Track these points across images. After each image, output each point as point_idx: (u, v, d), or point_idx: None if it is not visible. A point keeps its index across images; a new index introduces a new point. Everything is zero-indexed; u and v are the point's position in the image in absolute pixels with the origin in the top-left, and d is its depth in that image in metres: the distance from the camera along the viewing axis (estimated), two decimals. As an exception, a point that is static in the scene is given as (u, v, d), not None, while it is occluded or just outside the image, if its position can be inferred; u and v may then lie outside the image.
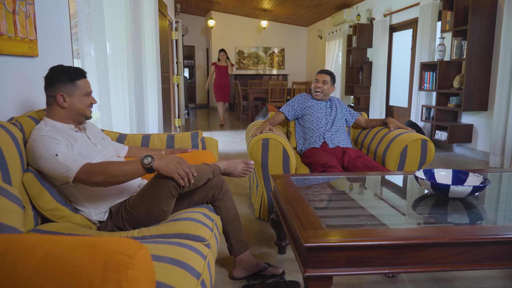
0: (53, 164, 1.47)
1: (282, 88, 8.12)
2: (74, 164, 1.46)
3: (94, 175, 1.46)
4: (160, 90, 4.52)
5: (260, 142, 2.49)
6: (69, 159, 1.48)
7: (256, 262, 1.95)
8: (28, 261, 0.71)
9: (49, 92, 1.64)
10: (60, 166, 1.46)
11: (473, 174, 1.79)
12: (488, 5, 4.51)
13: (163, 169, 1.52)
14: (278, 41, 11.80)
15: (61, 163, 1.46)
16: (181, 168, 1.53)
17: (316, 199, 1.86)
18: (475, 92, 4.69)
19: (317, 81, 2.99)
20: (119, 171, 1.48)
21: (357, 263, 1.30)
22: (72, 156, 1.50)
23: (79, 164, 1.47)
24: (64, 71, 1.63)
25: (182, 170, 1.53)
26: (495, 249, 1.33)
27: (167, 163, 1.52)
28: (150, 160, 1.50)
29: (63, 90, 1.63)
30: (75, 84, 1.65)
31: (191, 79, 14.01)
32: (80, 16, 2.40)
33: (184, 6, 10.53)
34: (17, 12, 1.69)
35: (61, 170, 1.46)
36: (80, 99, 1.68)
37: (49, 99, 1.65)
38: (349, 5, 8.25)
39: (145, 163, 1.49)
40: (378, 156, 2.76)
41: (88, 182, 1.48)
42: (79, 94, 1.67)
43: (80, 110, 1.68)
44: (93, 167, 1.47)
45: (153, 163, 1.50)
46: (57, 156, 1.47)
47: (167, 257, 1.19)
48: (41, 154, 1.48)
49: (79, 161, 1.48)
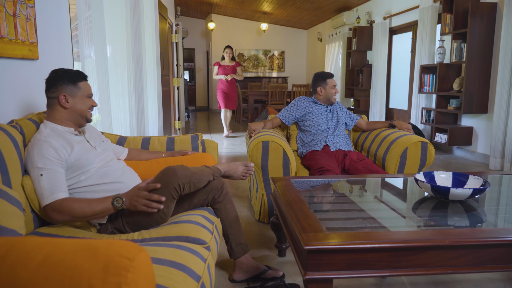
0: (35, 182, 1.49)
1: (282, 90, 8.13)
2: (50, 195, 1.47)
3: (61, 214, 1.47)
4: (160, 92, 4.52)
5: (260, 145, 2.49)
6: (49, 186, 1.48)
7: (256, 264, 1.95)
8: (28, 264, 0.71)
9: (51, 93, 1.64)
10: (38, 188, 1.48)
11: (473, 177, 1.79)
12: (487, 8, 4.52)
13: (131, 209, 1.54)
14: (278, 43, 11.82)
15: (40, 186, 1.48)
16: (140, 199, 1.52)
17: (316, 201, 1.86)
18: (475, 94, 4.70)
19: (333, 87, 2.98)
20: (87, 212, 1.49)
21: (357, 266, 1.30)
22: (54, 183, 1.49)
23: (53, 198, 1.47)
24: (66, 73, 1.65)
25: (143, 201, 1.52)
26: (495, 252, 1.33)
27: (130, 201, 1.53)
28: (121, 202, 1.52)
29: (66, 91, 1.63)
30: (77, 85, 1.66)
31: (191, 81, 14.04)
32: (80, 18, 2.40)
33: (184, 9, 10.55)
34: (17, 15, 1.69)
35: (38, 192, 1.49)
36: (82, 101, 1.68)
37: (50, 100, 1.65)
38: (349, 8, 8.27)
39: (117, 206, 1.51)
40: (378, 158, 2.76)
41: (51, 219, 1.49)
42: (81, 96, 1.68)
43: (82, 111, 1.69)
44: (61, 206, 1.47)
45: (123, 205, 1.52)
46: (41, 176, 1.48)
47: (167, 260, 1.19)
48: (32, 165, 1.50)
49: (55, 194, 1.48)
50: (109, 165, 1.73)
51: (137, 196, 1.53)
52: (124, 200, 1.52)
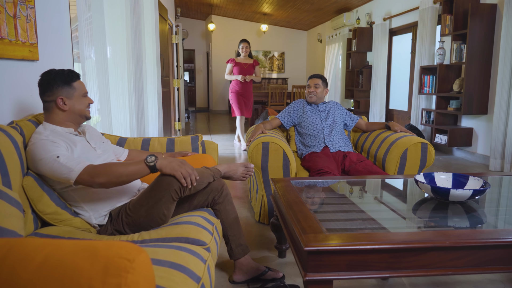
0: (54, 165, 1.47)
1: (282, 91, 8.13)
2: (77, 165, 1.47)
3: (98, 176, 1.46)
4: (160, 93, 4.52)
5: (260, 146, 2.49)
6: (71, 161, 1.48)
7: (256, 266, 1.95)
8: (28, 265, 0.71)
9: (47, 97, 1.63)
10: (61, 167, 1.46)
11: (473, 178, 1.79)
12: (487, 9, 4.52)
13: (166, 167, 1.53)
14: (278, 44, 11.83)
15: (63, 165, 1.46)
16: (184, 168, 1.55)
17: (316, 202, 1.86)
18: (475, 95, 4.70)
19: (309, 86, 3.05)
20: (123, 171, 1.49)
21: (357, 267, 1.30)
22: (74, 158, 1.50)
23: (82, 165, 1.47)
24: (59, 74, 1.63)
25: (185, 170, 1.54)
26: (495, 253, 1.33)
27: (170, 162, 1.54)
28: (154, 159, 1.52)
29: (62, 94, 1.63)
30: (72, 86, 1.66)
31: (191, 82, 14.05)
32: (80, 20, 2.40)
33: (184, 10, 10.56)
34: (18, 16, 1.69)
35: (63, 171, 1.46)
36: (79, 101, 1.68)
37: (47, 104, 1.64)
38: (349, 9, 8.27)
39: (148, 161, 1.51)
40: (378, 159, 2.76)
41: (91, 183, 1.48)
42: (78, 96, 1.68)
43: (81, 111, 1.69)
44: (96, 168, 1.48)
45: (156, 162, 1.52)
46: (58, 158, 1.47)
47: (167, 261, 1.19)
48: (41, 157, 1.48)
49: (82, 163, 1.48)
50: (109, 166, 1.73)
51: (181, 163, 1.54)
52: (157, 157, 1.53)
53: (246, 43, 5.53)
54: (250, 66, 5.59)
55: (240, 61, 5.55)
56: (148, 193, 1.60)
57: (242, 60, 5.57)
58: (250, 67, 5.59)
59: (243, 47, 5.51)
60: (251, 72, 5.59)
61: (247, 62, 5.57)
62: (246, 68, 5.54)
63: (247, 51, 5.54)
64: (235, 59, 5.57)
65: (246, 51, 5.52)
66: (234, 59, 5.57)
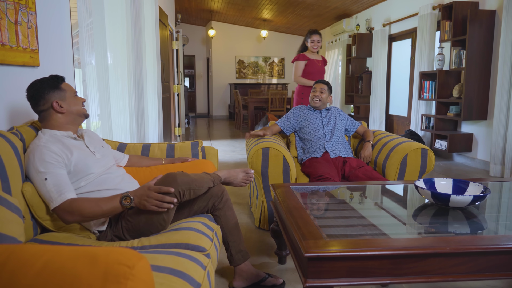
0: (40, 187, 1.49)
1: (282, 97, 8.15)
2: (58, 196, 1.47)
3: (71, 215, 1.47)
4: (160, 99, 4.53)
5: (260, 151, 2.49)
6: (55, 188, 1.48)
7: (256, 272, 1.94)
8: (28, 271, 0.71)
9: (41, 106, 1.63)
10: (45, 192, 1.48)
11: (473, 184, 1.78)
12: (486, 15, 4.55)
13: (140, 207, 1.54)
14: (278, 50, 11.87)
15: (47, 190, 1.48)
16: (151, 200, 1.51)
17: (316, 208, 1.85)
18: (474, 101, 4.71)
19: (315, 90, 3.06)
20: (96, 211, 1.49)
21: (357, 273, 1.29)
22: (60, 185, 1.49)
23: (62, 198, 1.47)
24: (45, 82, 1.64)
25: (154, 202, 1.51)
26: (496, 259, 1.32)
27: (139, 200, 1.52)
28: (130, 201, 1.51)
29: (55, 97, 1.64)
30: (61, 88, 1.67)
31: (192, 88, 14.08)
32: (81, 26, 2.41)
33: (184, 16, 10.62)
34: (19, 22, 1.70)
35: (45, 196, 1.49)
36: (73, 101, 1.70)
37: (44, 113, 1.65)
38: (349, 15, 8.31)
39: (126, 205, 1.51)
40: (378, 165, 2.76)
41: (63, 219, 1.49)
42: (70, 96, 1.69)
43: (78, 111, 1.70)
44: (71, 206, 1.47)
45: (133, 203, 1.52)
46: (46, 180, 1.48)
47: (166, 267, 1.18)
48: (35, 170, 1.50)
49: (63, 195, 1.48)
50: (109, 172, 1.73)
51: (147, 196, 1.51)
52: (133, 198, 1.52)
53: (317, 36, 4.19)
54: (321, 62, 4.34)
55: (312, 57, 4.25)
56: (148, 199, 1.59)
57: (314, 56, 4.29)
58: (321, 63, 4.34)
59: (314, 41, 4.18)
60: (323, 72, 4.35)
61: (317, 58, 4.31)
62: (320, 67, 4.30)
63: (319, 46, 4.24)
64: (305, 54, 4.24)
65: (316, 46, 4.21)
66: (305, 54, 4.24)
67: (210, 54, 11.61)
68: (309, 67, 4.21)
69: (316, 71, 4.23)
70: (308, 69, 4.21)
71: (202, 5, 9.33)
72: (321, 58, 4.35)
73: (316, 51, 4.27)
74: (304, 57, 4.22)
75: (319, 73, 4.25)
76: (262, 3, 8.55)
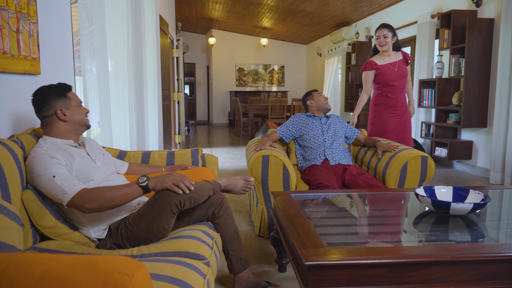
0: (49, 185, 1.47)
1: (282, 104, 8.17)
2: (71, 188, 1.46)
3: (90, 201, 1.46)
4: (160, 107, 4.54)
5: (260, 159, 2.49)
6: (66, 182, 1.48)
7: (256, 280, 1.93)
8: (27, 280, 0.70)
9: (45, 112, 1.64)
10: (56, 188, 1.47)
11: (473, 191, 1.78)
12: (484, 23, 4.57)
13: (157, 184, 1.55)
14: (278, 58, 11.93)
15: (58, 186, 1.46)
16: (173, 177, 1.56)
17: (316, 216, 1.85)
18: (474, 108, 4.72)
19: (321, 95, 3.10)
20: (115, 194, 1.49)
21: (358, 282, 1.29)
22: (70, 179, 1.50)
23: (76, 189, 1.47)
24: (52, 88, 1.65)
25: (174, 179, 1.56)
26: (497, 268, 1.32)
27: (158, 178, 1.56)
28: (145, 179, 1.54)
29: (60, 105, 1.64)
30: (67, 97, 1.68)
31: (192, 96, 14.12)
32: (82, 34, 2.43)
33: (185, 25, 10.68)
34: (20, 31, 1.71)
35: (57, 193, 1.47)
36: (77, 110, 1.70)
37: (47, 119, 1.65)
38: (348, 23, 8.37)
39: (140, 182, 1.53)
40: (378, 173, 2.76)
41: (82, 208, 1.48)
42: (75, 106, 1.70)
43: (81, 120, 1.71)
44: (89, 192, 1.47)
45: (148, 182, 1.54)
46: (54, 177, 1.47)
47: (166, 276, 1.18)
48: (39, 173, 1.49)
49: (76, 186, 1.48)
50: (109, 179, 1.73)
51: (169, 175, 1.55)
52: (148, 178, 1.54)
53: (385, 29, 3.36)
54: (400, 65, 3.41)
55: (383, 63, 3.41)
56: (148, 207, 1.59)
57: (386, 59, 3.41)
58: (401, 66, 3.41)
59: (380, 36, 3.37)
60: (402, 76, 3.40)
61: (393, 60, 3.41)
62: (397, 72, 3.38)
63: (386, 43, 3.35)
64: (375, 62, 3.43)
65: (385, 42, 3.35)
66: (373, 60, 3.44)
67: (210, 62, 11.66)
68: (381, 77, 3.38)
69: (392, 78, 3.35)
70: (380, 79, 3.38)
71: (202, 13, 9.40)
72: (399, 58, 3.42)
73: (385, 50, 3.35)
74: (372, 65, 3.41)
75: (397, 80, 3.35)
76: (262, 11, 8.61)
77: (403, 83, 3.40)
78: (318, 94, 3.11)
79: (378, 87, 3.47)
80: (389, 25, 3.39)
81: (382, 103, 3.43)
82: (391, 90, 3.38)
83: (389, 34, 3.34)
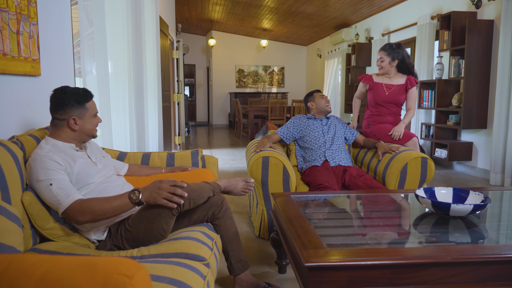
0: (46, 193, 1.49)
1: (282, 106, 8.17)
2: (66, 198, 1.47)
3: (82, 215, 1.47)
4: (160, 108, 4.54)
5: (260, 160, 2.49)
6: (62, 192, 1.48)
7: (256, 281, 1.93)
8: (27, 281, 0.70)
9: (59, 115, 1.63)
10: (52, 197, 1.48)
11: (473, 193, 1.78)
12: (484, 25, 4.58)
13: (149, 199, 1.52)
14: (278, 59, 11.94)
15: (53, 195, 1.48)
16: (163, 191, 1.51)
17: (316, 217, 1.85)
18: (474, 110, 4.72)
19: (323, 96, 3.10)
20: (107, 208, 1.49)
21: (358, 283, 1.29)
22: (66, 188, 1.50)
23: (70, 200, 1.48)
24: (74, 94, 1.63)
25: (165, 194, 1.50)
26: (497, 269, 1.32)
27: (150, 192, 1.52)
28: (138, 195, 1.50)
29: (75, 114, 1.64)
30: (85, 106, 1.66)
31: (192, 97, 14.13)
32: (82, 35, 2.43)
33: (185, 26, 10.69)
34: (21, 32, 1.71)
35: (53, 202, 1.48)
36: (90, 121, 1.70)
37: (58, 121, 1.65)
38: (348, 25, 8.38)
39: (133, 198, 1.50)
40: (378, 174, 2.76)
41: (75, 220, 1.50)
42: (89, 116, 1.69)
43: (90, 131, 1.71)
44: (81, 205, 1.47)
45: (140, 197, 1.51)
46: (51, 185, 1.48)
47: (166, 277, 1.18)
48: (38, 179, 1.50)
49: (71, 196, 1.48)
50: (109, 181, 1.73)
51: (158, 188, 1.51)
52: (141, 192, 1.51)
53: (382, 52, 3.28)
54: (397, 89, 3.25)
55: (380, 81, 3.32)
56: (148, 208, 1.59)
57: (385, 79, 3.32)
58: (397, 91, 3.25)
59: (378, 59, 3.32)
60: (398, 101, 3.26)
61: (392, 82, 3.28)
62: (388, 95, 3.25)
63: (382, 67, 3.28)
64: (372, 77, 3.38)
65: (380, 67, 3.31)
66: (372, 76, 3.39)
67: (210, 63, 11.67)
68: (371, 93, 3.33)
69: (381, 100, 3.25)
70: (370, 96, 3.34)
71: (202, 15, 9.41)
72: (400, 82, 3.25)
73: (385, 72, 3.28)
74: (366, 79, 3.38)
75: (386, 103, 3.25)
76: (262, 13, 8.62)
77: (396, 108, 3.29)
78: (319, 96, 3.10)
79: (369, 103, 3.39)
80: (389, 48, 3.24)
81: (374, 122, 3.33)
82: (380, 111, 3.29)
83: (386, 58, 3.24)
